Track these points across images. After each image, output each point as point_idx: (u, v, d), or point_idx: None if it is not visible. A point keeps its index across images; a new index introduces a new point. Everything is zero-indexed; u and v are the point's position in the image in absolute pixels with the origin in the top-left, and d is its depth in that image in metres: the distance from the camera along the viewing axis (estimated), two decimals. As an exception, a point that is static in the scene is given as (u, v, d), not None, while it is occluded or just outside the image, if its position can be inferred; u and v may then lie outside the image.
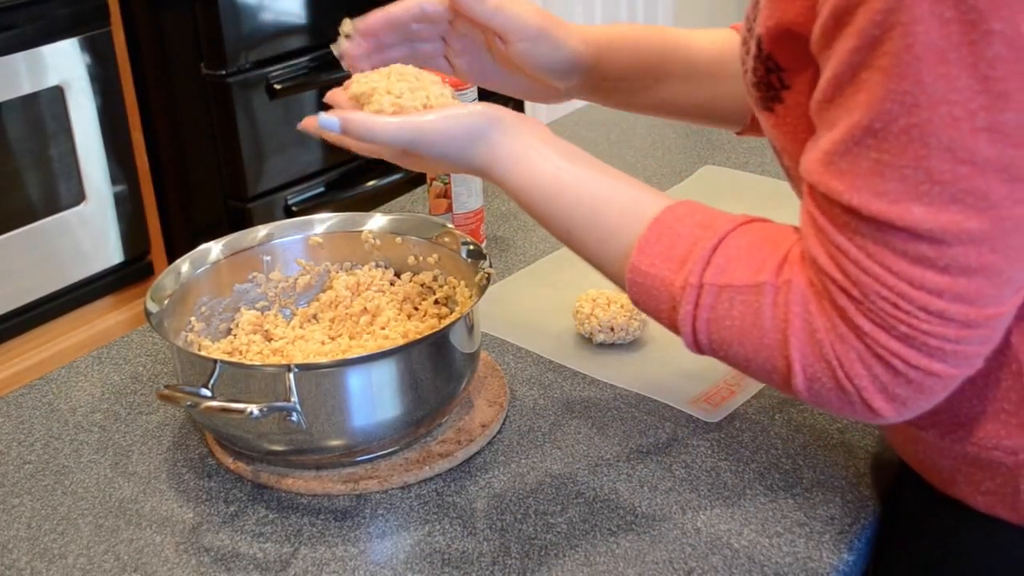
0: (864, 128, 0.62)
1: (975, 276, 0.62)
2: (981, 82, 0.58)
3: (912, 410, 0.67)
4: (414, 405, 0.89)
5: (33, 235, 2.00)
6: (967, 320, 0.63)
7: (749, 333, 0.69)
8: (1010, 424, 0.71)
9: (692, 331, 0.72)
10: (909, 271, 0.62)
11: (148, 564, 0.82)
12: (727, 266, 0.70)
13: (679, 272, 0.71)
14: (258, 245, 1.04)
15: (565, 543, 0.82)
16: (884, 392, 0.66)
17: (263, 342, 0.99)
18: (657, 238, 0.73)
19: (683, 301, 0.71)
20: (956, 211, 0.60)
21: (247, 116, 2.17)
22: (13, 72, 1.91)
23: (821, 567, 0.79)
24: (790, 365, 0.68)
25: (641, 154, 1.52)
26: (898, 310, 0.63)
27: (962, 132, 0.59)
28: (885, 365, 0.65)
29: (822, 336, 0.66)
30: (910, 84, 0.59)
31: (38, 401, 1.03)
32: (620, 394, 0.99)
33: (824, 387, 0.67)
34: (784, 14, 0.69)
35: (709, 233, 0.72)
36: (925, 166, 0.60)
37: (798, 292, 0.67)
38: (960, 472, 0.76)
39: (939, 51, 0.58)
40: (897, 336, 0.64)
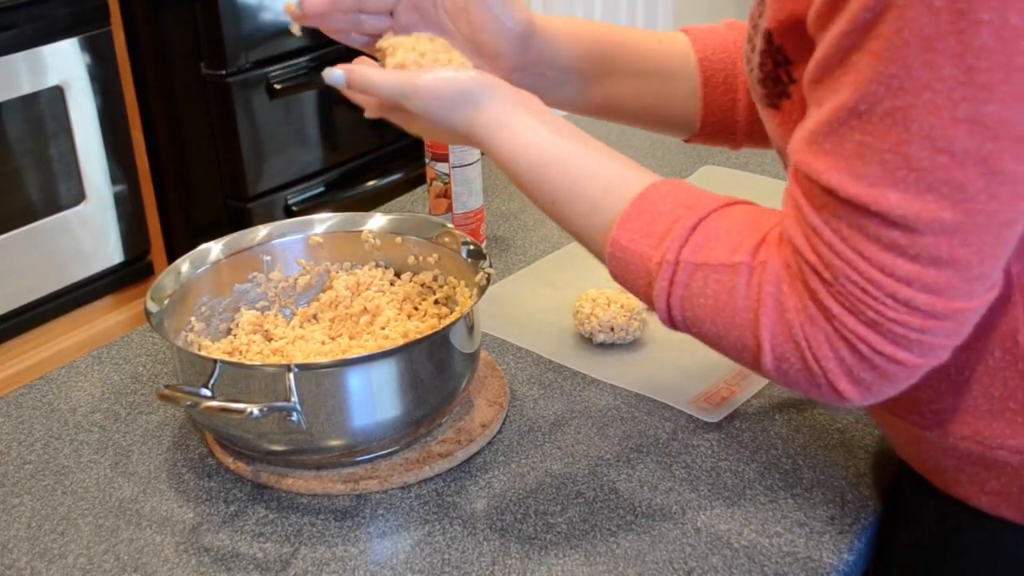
0: (850, 109, 0.62)
1: (944, 268, 0.62)
2: (965, 72, 0.58)
3: (876, 395, 0.68)
4: (414, 405, 0.89)
5: (33, 235, 2.00)
6: (933, 311, 0.63)
7: (722, 311, 0.70)
8: (1015, 423, 0.71)
9: (667, 307, 0.73)
10: (880, 257, 0.63)
11: (148, 564, 0.82)
12: (705, 245, 0.71)
13: (657, 248, 0.72)
14: (258, 245, 1.04)
15: (565, 543, 0.82)
16: (849, 375, 0.66)
17: (263, 342, 0.99)
18: (639, 214, 0.73)
19: (658, 277, 0.72)
20: (931, 200, 0.61)
21: (247, 116, 2.17)
22: (13, 72, 1.91)
23: (821, 567, 0.79)
24: (760, 344, 0.68)
25: (641, 154, 1.52)
26: (867, 295, 0.64)
27: (943, 121, 0.59)
28: (851, 349, 0.65)
29: (792, 316, 0.67)
30: (897, 68, 0.59)
31: (38, 401, 1.03)
32: (620, 394, 0.99)
33: (792, 367, 0.68)
34: (796, 5, 0.69)
35: (690, 212, 0.72)
36: (904, 152, 0.60)
37: (772, 272, 0.68)
38: (964, 472, 0.76)
39: (927, 38, 0.58)
40: (864, 321, 0.64)
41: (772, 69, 0.73)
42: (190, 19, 2.13)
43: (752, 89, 0.78)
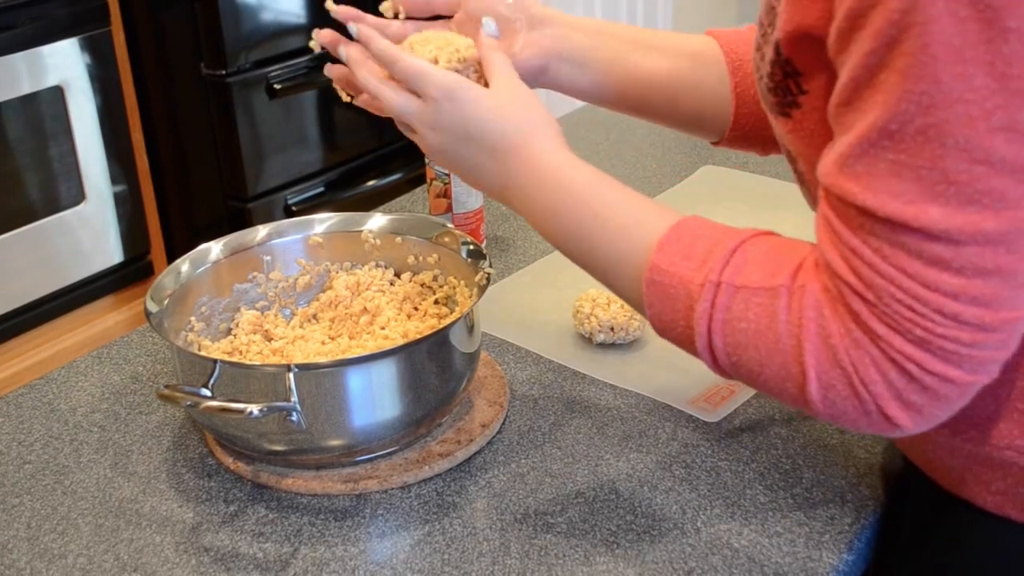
0: (880, 129, 0.61)
1: (991, 278, 0.61)
2: (997, 80, 0.58)
3: (927, 419, 0.67)
4: (414, 405, 0.89)
5: (33, 235, 2.00)
6: (982, 323, 0.62)
7: (764, 336, 0.69)
8: (1023, 424, 0.71)
9: (707, 331, 0.71)
10: (924, 273, 0.62)
11: (148, 564, 0.82)
12: (744, 268, 0.70)
13: (699, 270, 0.71)
14: (258, 245, 1.04)
15: (565, 543, 0.82)
16: (899, 399, 0.65)
17: (263, 342, 0.99)
18: (678, 238, 0.73)
19: (700, 299, 0.70)
20: (972, 211, 0.60)
21: (247, 116, 2.17)
22: (13, 72, 1.91)
23: (821, 567, 0.79)
24: (804, 371, 0.67)
25: (641, 154, 1.52)
26: (913, 313, 0.63)
27: (978, 131, 0.59)
28: (900, 370, 0.64)
29: (836, 341, 0.66)
30: (927, 84, 0.59)
31: (38, 401, 1.03)
32: (620, 394, 0.99)
33: (839, 395, 0.67)
34: (803, 18, 0.69)
35: (729, 236, 0.72)
36: (941, 166, 0.60)
37: (812, 297, 0.67)
38: (971, 472, 0.76)
39: (955, 50, 0.58)
40: (912, 340, 0.63)
41: (782, 79, 0.73)
42: (190, 19, 2.13)
43: (762, 97, 0.78)
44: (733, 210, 1.32)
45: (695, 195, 1.38)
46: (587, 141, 1.57)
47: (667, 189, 1.40)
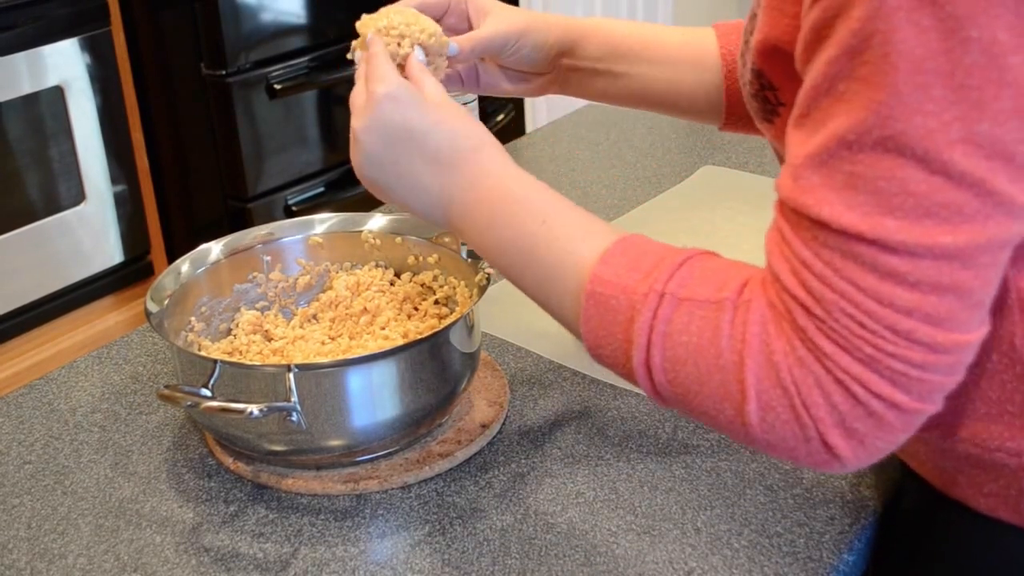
0: (839, 139, 0.60)
1: (945, 294, 0.60)
2: (956, 91, 0.57)
3: (869, 451, 0.64)
4: (414, 405, 0.89)
5: (33, 235, 2.00)
6: (934, 343, 0.61)
7: (705, 352, 0.66)
8: (1014, 426, 0.71)
9: (647, 343, 0.68)
10: (877, 287, 0.60)
11: (148, 564, 0.82)
12: (690, 281, 0.68)
13: (643, 281, 0.68)
14: (258, 245, 1.04)
15: (565, 543, 0.82)
16: (841, 426, 0.63)
17: (263, 342, 0.99)
18: (623, 251, 0.71)
19: (643, 309, 0.68)
20: (930, 224, 0.59)
21: (247, 116, 2.17)
22: (13, 72, 1.91)
23: (821, 567, 0.79)
24: (744, 390, 0.64)
25: (641, 154, 1.52)
26: (863, 329, 0.61)
27: (937, 144, 0.58)
28: (845, 391, 0.62)
29: (779, 359, 0.63)
30: (886, 94, 0.58)
31: (38, 401, 1.03)
32: (620, 394, 0.99)
33: (779, 418, 0.64)
34: (772, 30, 0.68)
35: (675, 252, 0.70)
36: (899, 177, 0.59)
37: (757, 312, 0.65)
38: (962, 473, 0.75)
39: (915, 60, 0.57)
40: (860, 358, 0.61)
41: (759, 89, 0.73)
42: (190, 19, 2.13)
43: (747, 102, 0.78)
44: (733, 210, 1.32)
45: (695, 195, 1.38)
46: (587, 141, 1.58)
47: (667, 189, 1.40)
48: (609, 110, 1.70)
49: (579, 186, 1.42)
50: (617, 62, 0.96)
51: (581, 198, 1.39)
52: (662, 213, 1.33)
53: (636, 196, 1.38)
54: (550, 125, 1.68)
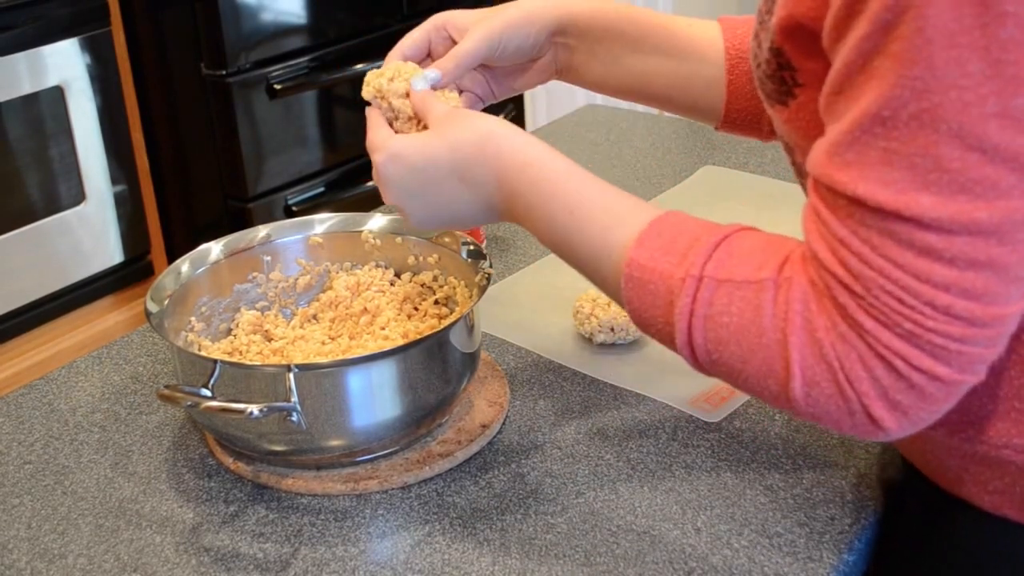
0: (873, 116, 0.60)
1: (983, 270, 0.60)
2: (993, 66, 0.57)
3: (912, 421, 0.65)
4: (414, 405, 0.89)
5: (33, 235, 2.00)
6: (973, 318, 0.61)
7: (747, 331, 0.67)
8: (1020, 423, 0.71)
9: (688, 327, 0.69)
10: (915, 263, 0.61)
11: (148, 564, 0.82)
12: (728, 262, 0.68)
13: (679, 265, 0.69)
14: (258, 245, 1.04)
15: (565, 543, 0.82)
16: (885, 398, 0.64)
17: (263, 342, 0.99)
18: (658, 233, 0.72)
19: (681, 294, 0.69)
20: (965, 200, 0.59)
21: (247, 116, 2.17)
22: (13, 72, 1.91)
23: (821, 567, 0.79)
24: (788, 367, 0.66)
25: (641, 154, 1.52)
26: (902, 305, 0.61)
27: (972, 118, 0.58)
28: (887, 366, 0.63)
29: (822, 336, 0.64)
30: (921, 69, 0.58)
31: (38, 401, 1.03)
32: (620, 394, 0.99)
33: (823, 393, 0.65)
34: (796, 7, 0.68)
35: (712, 231, 0.71)
36: (934, 153, 0.59)
37: (799, 290, 0.65)
38: (968, 471, 0.75)
39: (950, 34, 0.57)
40: (900, 334, 0.62)
41: (776, 69, 0.73)
42: (190, 19, 2.13)
43: (760, 85, 0.77)
44: (733, 210, 1.32)
45: (695, 195, 1.38)
46: (587, 141, 1.57)
47: (667, 189, 1.40)
48: (609, 110, 1.70)
49: (579, 186, 1.42)
50: (617, 45, 0.94)
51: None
52: (662, 213, 1.33)
53: (636, 196, 1.38)
54: (550, 125, 1.68)
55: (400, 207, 0.83)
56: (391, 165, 0.81)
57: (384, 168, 0.82)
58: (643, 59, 0.95)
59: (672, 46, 0.95)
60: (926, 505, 0.81)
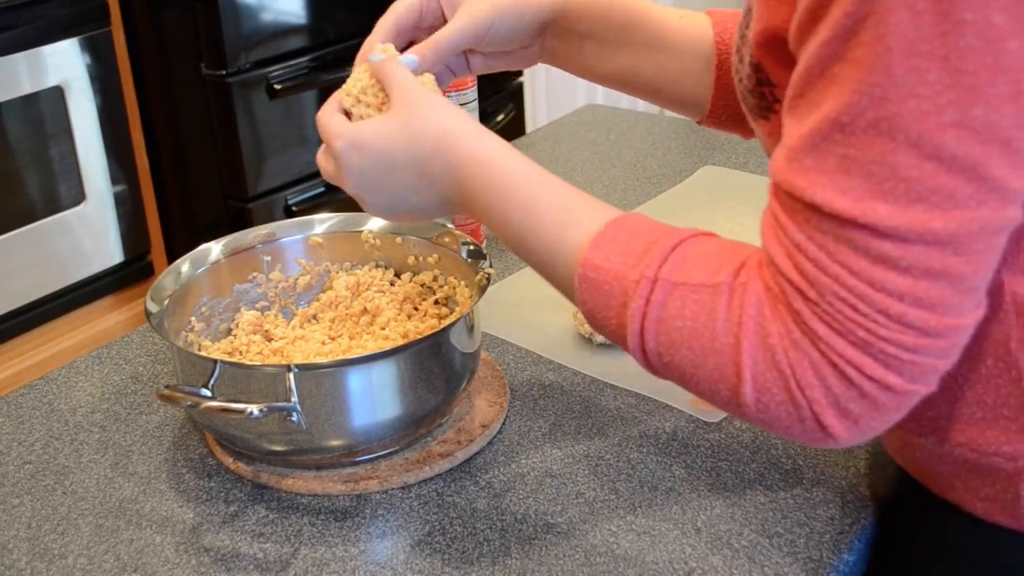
0: (832, 121, 0.60)
1: (937, 280, 0.60)
2: (951, 75, 0.57)
3: (863, 430, 0.65)
4: (414, 405, 0.89)
5: (33, 235, 2.00)
6: (926, 327, 0.61)
7: (700, 335, 0.66)
8: (1009, 430, 0.70)
9: (640, 329, 0.69)
10: (870, 271, 0.60)
11: (148, 564, 0.82)
12: (684, 265, 0.68)
13: (635, 267, 0.69)
14: (258, 245, 1.04)
15: (565, 543, 0.82)
16: (836, 407, 0.63)
17: (263, 342, 0.99)
18: (615, 234, 0.71)
19: (635, 295, 0.68)
20: (921, 210, 0.59)
21: (247, 116, 2.17)
22: (13, 72, 1.91)
23: (821, 567, 0.79)
24: (740, 372, 0.65)
25: (641, 154, 1.52)
26: (856, 312, 0.61)
27: (930, 127, 0.57)
28: (839, 374, 0.62)
29: (775, 342, 0.64)
30: (880, 76, 0.58)
31: (38, 401, 1.03)
32: (620, 394, 0.99)
33: (774, 399, 0.65)
34: (771, 19, 0.68)
35: (669, 234, 0.70)
36: (891, 162, 0.59)
37: (754, 295, 0.65)
38: (959, 478, 0.75)
39: (910, 42, 0.57)
40: (853, 342, 0.62)
41: (756, 85, 0.72)
42: (190, 19, 2.13)
43: (742, 99, 0.77)
44: (733, 210, 1.32)
45: (695, 195, 1.38)
46: (587, 141, 1.58)
47: (667, 189, 1.40)
48: (609, 110, 1.70)
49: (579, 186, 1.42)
50: (607, 36, 0.93)
51: (581, 198, 1.39)
52: (662, 213, 1.33)
53: (636, 196, 1.38)
54: (550, 125, 1.68)
55: (359, 196, 0.82)
56: (352, 153, 0.79)
57: (345, 156, 0.80)
58: (632, 52, 0.93)
59: (661, 39, 0.93)
60: (918, 510, 0.81)
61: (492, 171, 0.76)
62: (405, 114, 0.78)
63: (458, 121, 0.78)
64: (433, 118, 0.78)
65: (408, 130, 0.78)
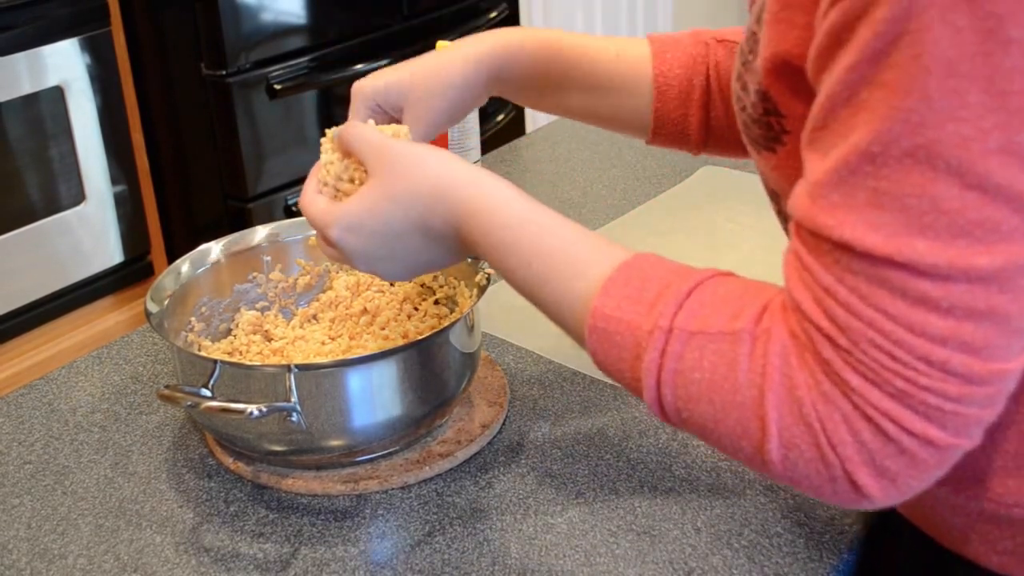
0: (861, 152, 0.55)
1: (982, 321, 0.55)
2: (996, 98, 0.52)
3: (900, 490, 0.60)
4: (414, 405, 0.89)
5: (33, 235, 2.00)
6: (971, 374, 0.56)
7: (720, 387, 0.61)
8: None
9: (656, 383, 0.64)
10: (908, 314, 0.55)
11: (148, 564, 0.82)
12: (701, 311, 0.63)
13: (647, 316, 0.64)
14: (258, 245, 1.04)
15: (565, 543, 0.82)
16: (871, 464, 0.58)
17: (263, 342, 0.99)
18: (626, 280, 0.66)
19: (649, 347, 0.63)
20: (964, 245, 0.54)
21: (247, 116, 2.17)
22: (13, 72, 1.91)
23: (821, 567, 0.79)
24: (765, 427, 0.60)
25: (641, 154, 1.52)
26: (894, 361, 0.56)
27: (972, 154, 0.53)
28: (875, 429, 0.57)
29: (803, 394, 0.59)
30: (916, 100, 0.53)
31: (38, 401, 1.03)
32: (620, 394, 0.99)
33: (802, 456, 0.60)
34: (780, 44, 0.64)
35: (683, 278, 0.65)
36: (930, 193, 0.54)
37: (778, 343, 0.60)
38: (974, 530, 0.71)
39: (950, 62, 0.52)
40: (891, 393, 0.57)
41: (763, 114, 0.68)
42: (190, 19, 2.13)
43: (744, 130, 0.72)
44: (733, 210, 1.32)
45: (695, 195, 1.38)
46: (587, 141, 1.58)
47: (667, 189, 1.40)
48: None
49: (579, 186, 1.42)
50: (541, 86, 0.93)
51: (581, 198, 1.39)
52: (662, 213, 1.33)
53: (636, 196, 1.38)
54: (550, 125, 1.68)
55: (372, 272, 0.80)
56: (350, 237, 0.76)
57: (343, 242, 0.76)
58: (566, 96, 0.94)
59: (596, 82, 0.93)
60: (925, 565, 0.77)
61: (491, 221, 0.72)
62: (388, 180, 0.75)
63: (443, 169, 0.74)
64: (418, 174, 0.74)
65: (396, 196, 0.74)
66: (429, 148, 0.76)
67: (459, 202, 0.73)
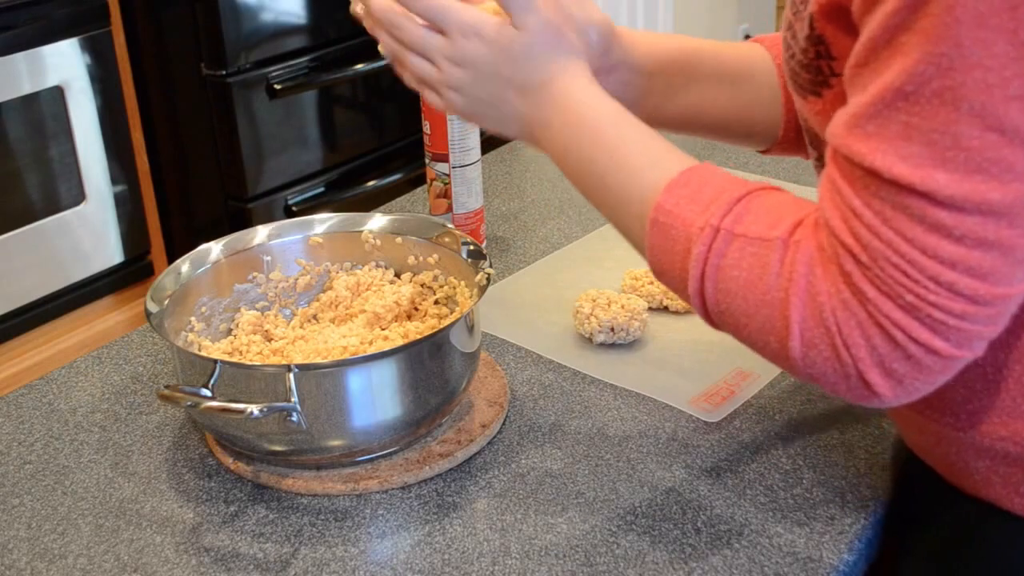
0: (896, 90, 0.61)
1: (990, 250, 0.61)
2: (1018, 48, 0.58)
3: (907, 391, 0.66)
4: (414, 405, 0.89)
5: (33, 235, 2.00)
6: (975, 295, 0.62)
7: (753, 287, 0.68)
8: None
9: (701, 275, 0.71)
10: (924, 238, 0.62)
11: (148, 564, 0.82)
12: (745, 217, 0.70)
13: (701, 214, 0.71)
14: (258, 245, 1.04)
15: (565, 543, 0.82)
16: (881, 366, 0.65)
17: (263, 342, 0.99)
18: (686, 182, 0.73)
19: (698, 242, 0.70)
20: (979, 180, 0.60)
21: (247, 116, 2.17)
22: (13, 72, 1.91)
23: (821, 567, 0.79)
24: (788, 326, 0.67)
25: (641, 154, 1.52)
26: (907, 278, 0.62)
27: (994, 99, 0.58)
28: (885, 335, 0.64)
29: (824, 300, 0.65)
30: (947, 47, 0.59)
31: (38, 401, 1.03)
32: (620, 394, 0.99)
33: (820, 355, 0.66)
34: None
35: (737, 186, 0.72)
36: (953, 131, 0.60)
37: (806, 253, 0.67)
38: (997, 473, 0.74)
39: (979, 15, 0.58)
40: (902, 305, 0.63)
41: (814, 58, 0.73)
42: (190, 19, 2.13)
43: (792, 77, 0.77)
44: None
45: (695, 195, 1.38)
46: (587, 141, 1.57)
47: (667, 189, 1.40)
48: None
49: (579, 186, 1.42)
50: (673, 77, 0.93)
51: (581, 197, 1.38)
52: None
53: (636, 196, 1.38)
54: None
55: (460, 84, 0.81)
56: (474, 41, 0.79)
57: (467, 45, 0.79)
58: (699, 88, 0.94)
59: (725, 71, 0.94)
60: (942, 507, 0.80)
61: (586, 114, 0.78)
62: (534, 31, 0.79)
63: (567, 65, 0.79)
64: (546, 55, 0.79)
65: (532, 51, 0.79)
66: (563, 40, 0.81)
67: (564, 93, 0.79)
